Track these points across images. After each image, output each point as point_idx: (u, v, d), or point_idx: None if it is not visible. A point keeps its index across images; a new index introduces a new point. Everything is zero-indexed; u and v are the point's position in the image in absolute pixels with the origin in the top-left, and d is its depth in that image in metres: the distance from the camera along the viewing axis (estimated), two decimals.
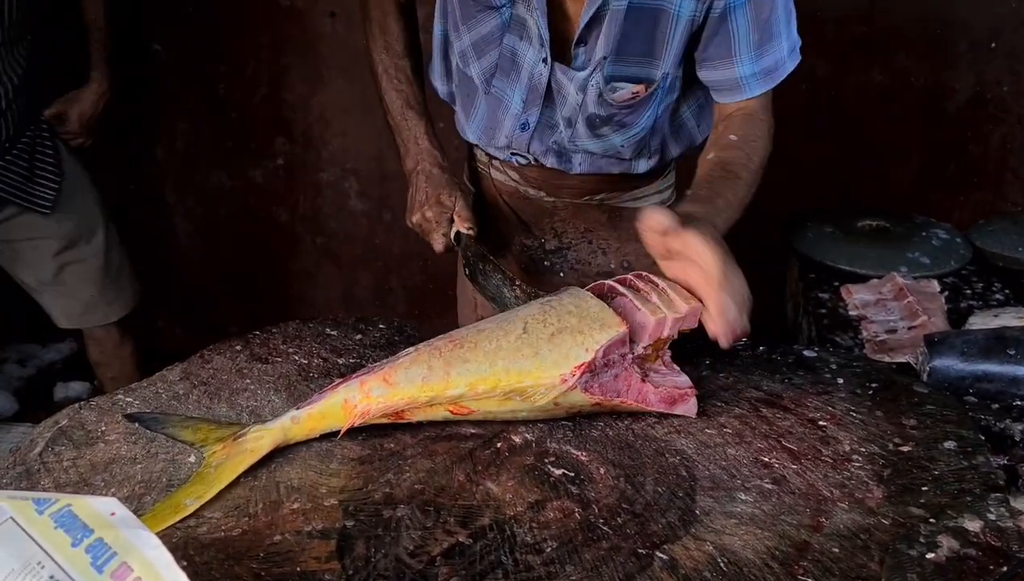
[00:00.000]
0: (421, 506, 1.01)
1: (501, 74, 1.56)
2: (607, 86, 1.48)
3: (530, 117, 1.57)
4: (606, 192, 1.70)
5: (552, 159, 1.63)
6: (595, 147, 1.59)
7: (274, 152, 3.13)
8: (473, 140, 1.70)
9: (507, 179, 1.74)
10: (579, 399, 1.12)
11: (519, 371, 1.10)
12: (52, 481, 1.05)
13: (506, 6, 1.48)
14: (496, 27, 1.51)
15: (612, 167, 1.64)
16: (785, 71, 1.46)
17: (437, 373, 1.10)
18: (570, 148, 1.60)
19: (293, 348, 1.35)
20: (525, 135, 1.60)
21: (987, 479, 1.05)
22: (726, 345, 1.17)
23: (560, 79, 1.51)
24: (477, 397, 1.11)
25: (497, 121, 1.62)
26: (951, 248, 2.17)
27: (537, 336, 1.12)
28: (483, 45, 1.55)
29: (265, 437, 1.07)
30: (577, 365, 1.10)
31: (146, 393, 1.23)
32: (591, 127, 1.55)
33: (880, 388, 1.26)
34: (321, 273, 3.26)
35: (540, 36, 1.46)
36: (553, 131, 1.59)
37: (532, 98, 1.55)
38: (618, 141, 1.57)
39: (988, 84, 2.73)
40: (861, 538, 0.96)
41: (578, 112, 1.53)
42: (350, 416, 1.09)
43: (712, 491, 1.04)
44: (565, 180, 1.67)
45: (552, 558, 0.93)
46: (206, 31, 2.99)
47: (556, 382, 1.10)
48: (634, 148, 1.59)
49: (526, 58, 1.51)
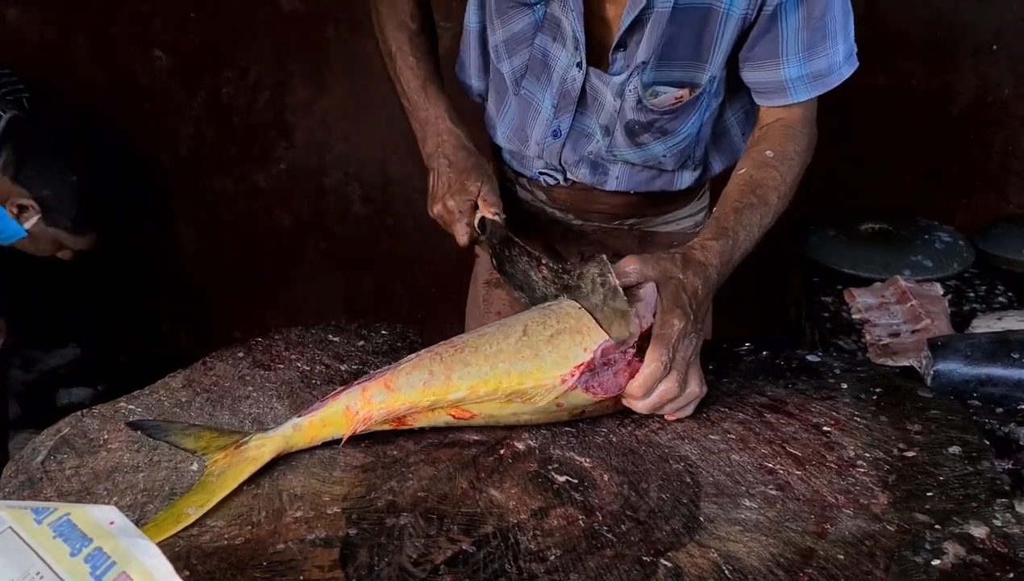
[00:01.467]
0: (424, 514, 1.01)
1: (531, 76, 1.48)
2: (647, 91, 1.40)
3: (562, 124, 1.49)
4: (638, 216, 1.63)
5: (585, 171, 1.55)
6: (635, 157, 1.50)
7: (277, 157, 3.13)
8: (503, 143, 1.61)
9: (534, 199, 1.66)
10: (581, 399, 1.12)
11: (520, 373, 1.10)
12: (55, 490, 1.05)
13: (540, 4, 1.40)
14: (529, 25, 1.43)
15: (652, 182, 1.56)
16: (840, 77, 1.36)
17: (438, 377, 1.11)
18: (607, 158, 1.52)
19: (295, 354, 1.35)
20: (557, 142, 1.52)
21: (992, 485, 1.04)
22: (641, 409, 1.14)
23: (595, 84, 1.43)
24: (479, 400, 1.11)
25: (527, 125, 1.53)
26: (954, 251, 2.17)
27: (537, 338, 1.13)
28: (514, 43, 1.47)
29: (267, 445, 1.07)
30: (576, 365, 1.10)
31: (149, 400, 1.23)
32: (630, 135, 1.46)
33: (884, 393, 1.26)
34: (324, 278, 3.26)
35: (575, 39, 1.38)
36: (588, 140, 1.51)
37: (564, 104, 1.47)
38: (660, 150, 1.48)
39: (991, 87, 2.72)
40: (866, 545, 0.96)
41: (616, 119, 1.45)
42: (352, 423, 1.09)
43: (716, 497, 1.04)
44: (596, 201, 1.59)
45: (556, 566, 0.93)
46: (209, 36, 2.99)
47: (556, 383, 1.10)
48: (677, 158, 1.50)
49: (558, 61, 1.43)
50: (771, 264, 2.48)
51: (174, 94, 3.07)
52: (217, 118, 3.10)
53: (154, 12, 2.96)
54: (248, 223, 3.23)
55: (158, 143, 3.14)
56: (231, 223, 3.24)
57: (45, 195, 2.11)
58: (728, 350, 1.40)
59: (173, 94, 3.07)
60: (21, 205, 2.10)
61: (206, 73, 3.04)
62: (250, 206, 3.21)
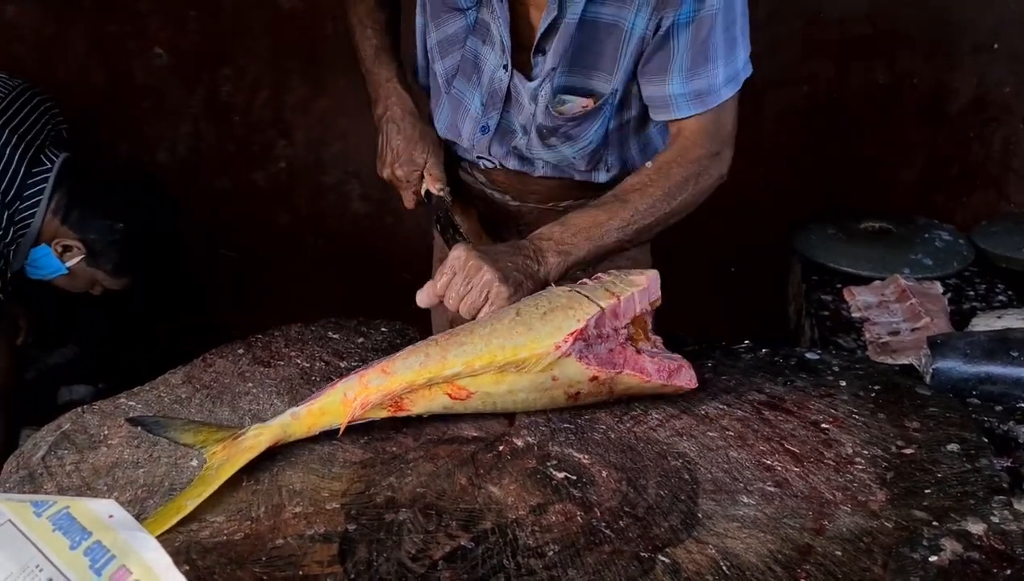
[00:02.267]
0: (423, 509, 1.01)
1: (462, 76, 1.56)
2: (555, 98, 1.48)
3: (490, 121, 1.57)
4: (570, 199, 1.69)
5: (514, 161, 1.63)
6: (549, 157, 1.59)
7: (276, 155, 3.13)
8: (441, 133, 1.68)
9: (474, 181, 1.74)
10: (576, 371, 1.14)
11: (514, 346, 1.13)
12: (55, 485, 1.05)
13: (472, 9, 1.48)
14: (461, 29, 1.52)
15: (573, 173, 1.64)
16: (719, 97, 1.44)
17: (434, 358, 1.13)
18: (528, 155, 1.60)
19: (295, 351, 1.36)
20: (485, 138, 1.59)
21: (990, 482, 1.05)
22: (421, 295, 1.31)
23: (517, 86, 1.51)
24: (474, 373, 1.12)
25: (458, 122, 1.61)
26: (954, 249, 2.17)
27: (530, 316, 1.16)
28: (447, 45, 1.55)
29: (264, 434, 1.08)
30: (570, 332, 1.12)
31: (148, 396, 1.23)
32: (541, 137, 1.55)
33: (883, 390, 1.26)
34: (323, 276, 3.25)
35: (502, 42, 1.46)
36: (513, 136, 1.59)
37: (492, 102, 1.54)
38: (568, 152, 1.56)
39: (990, 85, 2.72)
40: (864, 541, 0.96)
41: (531, 121, 1.54)
42: (349, 410, 1.10)
43: (714, 494, 1.04)
44: (530, 184, 1.67)
45: (554, 562, 0.93)
46: (208, 35, 2.99)
47: (551, 349, 1.12)
48: (587, 160, 1.59)
49: (488, 62, 1.51)
50: (771, 262, 2.49)
51: (173, 92, 3.06)
52: (216, 116, 3.09)
53: (152, 10, 2.95)
54: (247, 221, 3.22)
55: (156, 141, 3.14)
56: (230, 221, 3.23)
57: (92, 239, 2.12)
58: (727, 348, 1.40)
59: (172, 92, 3.06)
60: (66, 245, 2.10)
61: (205, 71, 3.03)
62: (249, 204, 3.20)
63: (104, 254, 2.14)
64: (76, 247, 2.10)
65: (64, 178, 2.07)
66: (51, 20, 2.97)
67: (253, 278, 3.30)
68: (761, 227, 2.48)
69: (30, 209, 2.02)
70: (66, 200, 2.07)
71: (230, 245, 3.27)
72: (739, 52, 1.44)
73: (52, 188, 2.04)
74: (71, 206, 2.07)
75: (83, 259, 2.13)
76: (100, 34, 2.98)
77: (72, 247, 2.10)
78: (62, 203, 2.06)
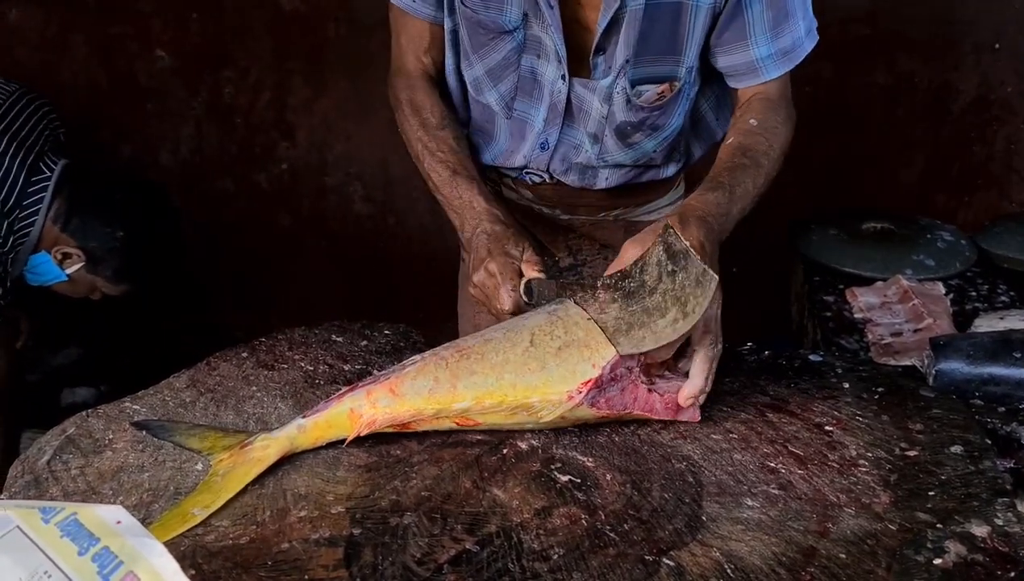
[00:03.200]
0: (428, 513, 1.01)
1: (523, 96, 1.51)
2: (633, 90, 1.44)
3: (550, 136, 1.53)
4: (622, 206, 1.67)
5: (574, 177, 1.58)
6: (626, 158, 1.54)
7: (278, 157, 3.13)
8: (488, 162, 1.63)
9: (519, 198, 1.69)
10: (586, 414, 1.12)
11: (526, 386, 1.10)
12: (60, 490, 1.05)
13: (519, 28, 1.44)
14: (512, 50, 1.47)
15: (640, 176, 1.60)
16: (804, 51, 1.43)
17: (443, 385, 1.11)
18: (598, 165, 1.56)
19: (299, 355, 1.36)
20: (545, 155, 1.56)
21: (994, 484, 1.05)
22: (685, 404, 1.16)
23: (580, 93, 1.47)
24: (483, 411, 1.11)
25: (517, 144, 1.57)
26: (956, 250, 2.17)
27: (544, 350, 1.12)
28: (499, 71, 1.50)
29: (272, 446, 1.08)
30: (584, 382, 1.10)
31: (153, 400, 1.23)
32: (622, 137, 1.51)
33: (886, 392, 1.26)
34: (326, 277, 3.26)
35: (557, 53, 1.43)
36: (577, 151, 1.55)
37: (552, 117, 1.51)
38: (651, 146, 1.53)
39: (993, 85, 2.72)
40: (868, 544, 0.96)
41: (604, 125, 1.49)
42: (356, 425, 1.10)
43: (719, 497, 1.04)
44: (582, 197, 1.63)
45: (559, 565, 0.93)
46: (210, 36, 3.00)
47: (563, 399, 1.10)
48: (666, 152, 1.56)
49: (547, 76, 1.47)
50: (773, 263, 2.49)
51: (175, 94, 3.07)
52: (218, 118, 3.10)
53: (155, 12, 2.96)
54: (249, 223, 3.23)
55: (159, 143, 3.14)
56: (232, 223, 3.24)
57: (92, 247, 2.11)
58: (730, 350, 1.40)
59: (174, 94, 3.07)
60: (66, 253, 2.10)
61: (207, 73, 3.04)
62: (251, 206, 3.21)
63: (104, 261, 2.14)
64: (76, 254, 2.10)
65: (63, 185, 2.06)
66: (54, 23, 2.98)
67: (255, 279, 3.31)
68: (763, 228, 2.48)
69: (30, 217, 2.01)
70: (66, 207, 2.06)
71: (232, 246, 3.27)
72: (809, 1, 1.43)
73: (51, 195, 2.04)
74: (71, 213, 2.07)
75: (83, 266, 2.12)
76: (102, 36, 2.99)
77: (72, 254, 2.10)
78: (62, 210, 2.06)
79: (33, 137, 2.06)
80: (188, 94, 3.07)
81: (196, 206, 3.24)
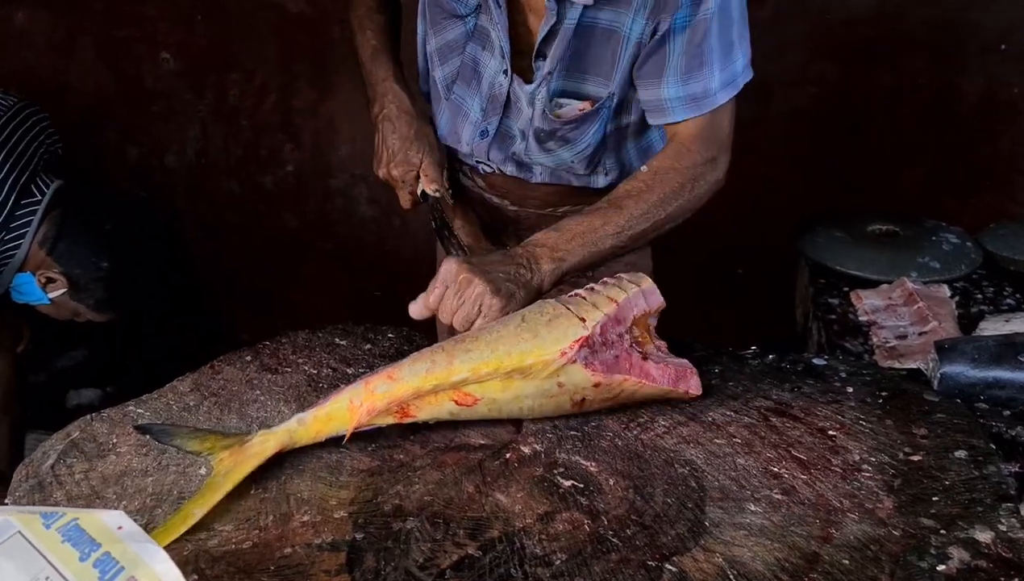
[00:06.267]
0: (430, 518, 1.01)
1: (462, 81, 1.57)
2: (551, 102, 1.49)
3: (489, 125, 1.58)
4: (569, 204, 1.69)
5: (512, 168, 1.64)
6: (547, 161, 1.59)
7: (284, 159, 3.14)
8: (441, 139, 1.69)
9: (473, 185, 1.75)
10: (581, 377, 1.13)
11: (520, 352, 1.13)
12: (64, 494, 1.05)
13: (471, 16, 1.49)
14: (460, 35, 1.53)
15: (571, 179, 1.64)
16: (713, 102, 1.43)
17: (440, 364, 1.13)
18: (526, 160, 1.61)
19: (303, 358, 1.36)
20: (484, 143, 1.60)
21: (998, 489, 1.05)
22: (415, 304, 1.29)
23: (516, 91, 1.52)
24: (480, 379, 1.12)
25: (458, 128, 1.62)
26: (961, 252, 2.16)
27: (535, 322, 1.16)
28: (447, 52, 1.56)
29: (270, 440, 1.08)
30: (576, 339, 1.12)
31: (157, 404, 1.24)
32: (539, 141, 1.55)
33: (890, 396, 1.26)
34: (331, 279, 3.26)
35: (501, 48, 1.47)
36: (512, 142, 1.59)
37: (492, 108, 1.55)
38: (567, 156, 1.57)
39: (998, 86, 2.71)
40: (871, 549, 0.96)
41: (529, 126, 1.54)
42: (355, 415, 1.10)
43: (721, 502, 1.04)
44: (528, 190, 1.67)
45: (561, 571, 0.93)
46: (216, 39, 3.00)
47: (556, 356, 1.12)
48: (585, 164, 1.59)
49: (487, 68, 1.52)
50: (778, 265, 2.48)
51: (181, 96, 3.08)
52: (224, 120, 3.11)
53: (161, 15, 2.97)
54: (254, 225, 3.24)
55: (165, 145, 3.15)
56: (238, 225, 3.24)
57: (76, 274, 2.10)
58: (734, 354, 1.40)
59: (180, 96, 3.08)
60: (50, 277, 2.09)
61: (212, 76, 3.05)
62: (256, 208, 3.22)
63: (87, 290, 2.13)
64: (60, 280, 2.09)
65: (54, 208, 2.05)
66: (61, 26, 2.99)
67: (260, 281, 3.31)
68: (768, 229, 2.48)
69: (15, 240, 2.00)
70: (54, 232, 2.04)
71: (237, 248, 3.28)
72: (736, 56, 1.44)
73: (41, 218, 2.02)
74: (58, 238, 2.05)
75: (66, 292, 2.11)
76: (109, 39, 3.00)
77: (56, 279, 2.08)
78: (49, 234, 2.04)
79: (28, 154, 2.04)
80: (194, 97, 3.08)
81: (201, 208, 3.26)
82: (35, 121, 2.11)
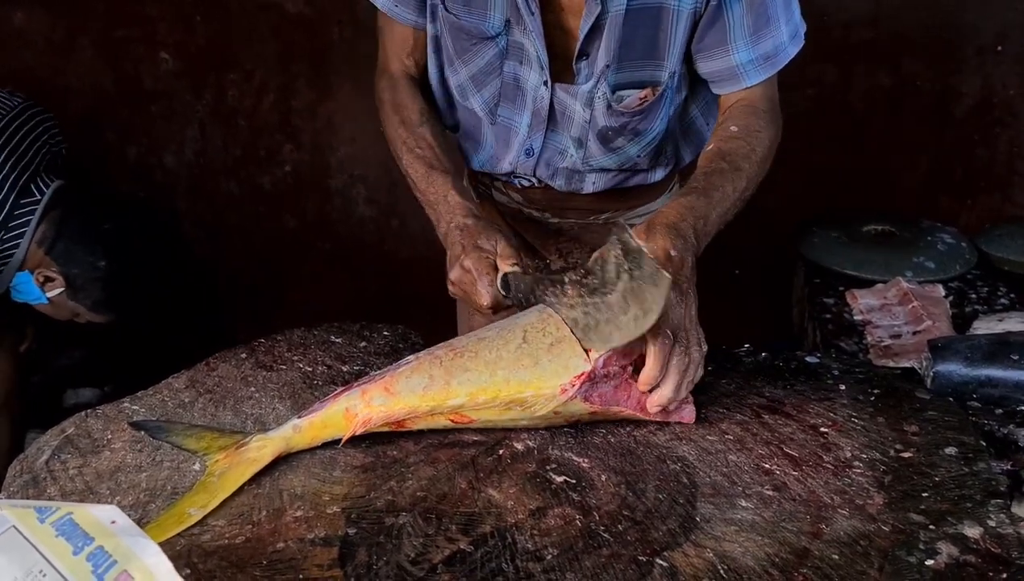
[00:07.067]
0: (423, 513, 1.02)
1: (506, 102, 1.52)
2: (614, 96, 1.44)
3: (534, 142, 1.54)
4: (612, 210, 1.66)
5: (561, 181, 1.59)
6: (610, 162, 1.54)
7: (282, 159, 3.15)
8: (476, 168, 1.65)
9: (509, 201, 1.70)
10: (579, 408, 1.13)
11: (519, 381, 1.11)
12: (58, 489, 1.06)
13: (502, 34, 1.44)
14: (494, 56, 1.47)
15: (628, 180, 1.60)
16: (786, 56, 1.40)
17: (438, 383, 1.11)
18: (583, 169, 1.56)
19: (298, 356, 1.36)
20: (530, 161, 1.56)
21: (988, 485, 1.05)
22: (668, 395, 1.13)
23: (563, 99, 1.47)
24: (477, 407, 1.12)
25: (501, 150, 1.57)
26: (957, 253, 2.17)
27: (537, 346, 1.12)
28: (482, 77, 1.51)
29: (268, 447, 1.08)
30: (576, 375, 1.10)
31: (152, 401, 1.24)
32: (604, 142, 1.51)
33: (882, 394, 1.26)
34: (330, 280, 3.27)
35: (539, 59, 1.43)
36: (562, 157, 1.55)
37: (536, 123, 1.51)
38: (634, 151, 1.53)
39: (995, 88, 2.72)
40: (861, 545, 0.96)
41: (587, 129, 1.50)
42: (352, 424, 1.10)
43: (713, 498, 1.05)
44: (572, 201, 1.63)
45: (553, 565, 0.94)
46: (214, 39, 3.01)
47: (556, 392, 1.10)
48: (651, 156, 1.55)
49: (529, 82, 1.47)
50: (775, 265, 2.49)
51: (180, 96, 3.09)
52: (222, 121, 3.11)
53: (160, 15, 2.98)
54: (254, 225, 3.24)
55: (164, 145, 3.16)
56: (237, 225, 3.25)
57: (73, 274, 2.10)
58: (727, 351, 1.40)
59: (179, 96, 3.09)
60: (48, 276, 2.10)
61: (211, 76, 3.05)
62: (256, 208, 3.22)
63: (85, 290, 2.13)
64: (58, 279, 2.10)
65: (53, 207, 2.05)
66: (60, 26, 3.00)
67: (258, 281, 3.32)
68: (765, 230, 2.49)
69: (14, 239, 2.00)
70: (53, 232, 2.05)
71: (236, 248, 3.29)
72: (794, 5, 1.41)
73: (40, 217, 2.03)
74: (57, 238, 2.06)
75: (64, 291, 2.12)
76: (108, 39, 3.01)
77: (54, 278, 2.09)
78: (48, 234, 2.05)
79: (30, 155, 2.04)
80: (193, 97, 3.09)
81: (200, 208, 3.27)
82: (39, 121, 2.12)
